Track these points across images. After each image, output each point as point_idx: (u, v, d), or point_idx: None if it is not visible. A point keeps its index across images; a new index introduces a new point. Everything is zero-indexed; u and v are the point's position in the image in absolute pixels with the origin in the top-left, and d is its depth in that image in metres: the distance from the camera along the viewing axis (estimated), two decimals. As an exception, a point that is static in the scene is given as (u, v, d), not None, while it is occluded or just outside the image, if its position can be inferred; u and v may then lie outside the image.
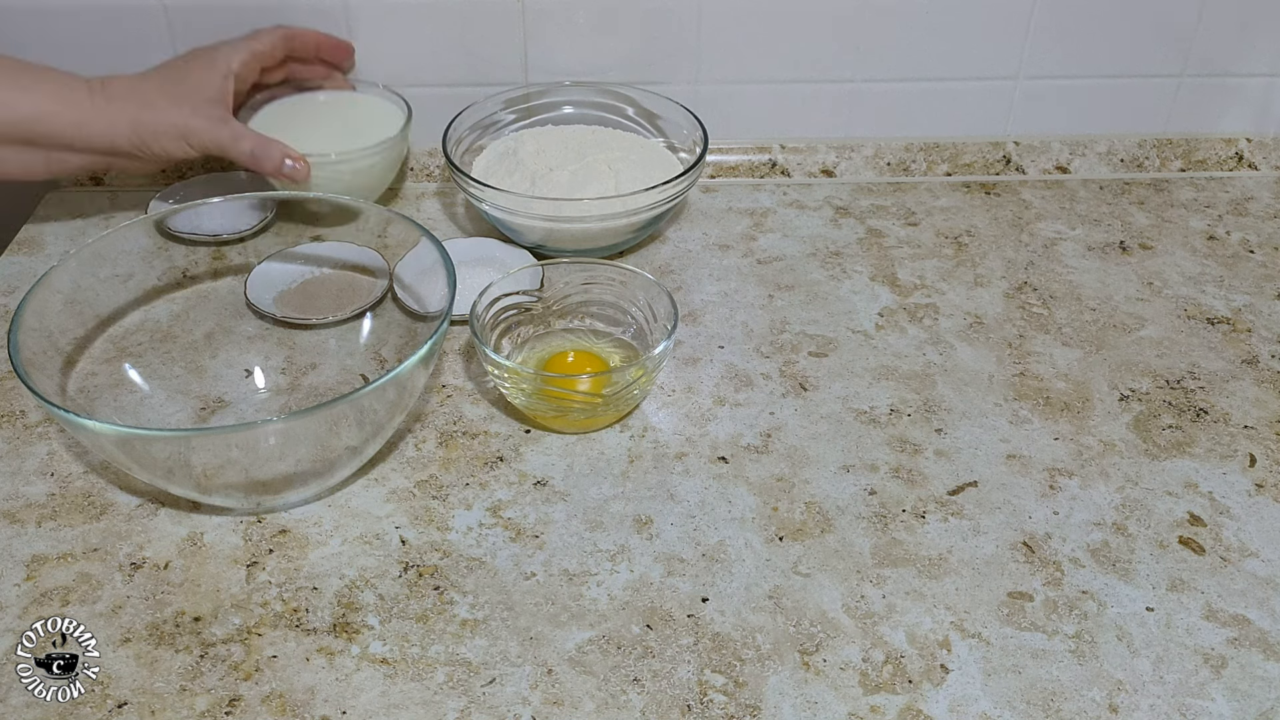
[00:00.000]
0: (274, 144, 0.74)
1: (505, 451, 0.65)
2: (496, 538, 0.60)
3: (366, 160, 0.79)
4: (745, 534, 0.60)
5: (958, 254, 0.83)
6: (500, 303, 0.69)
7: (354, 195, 0.73)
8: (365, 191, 0.82)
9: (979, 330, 0.75)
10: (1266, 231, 0.87)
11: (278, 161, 0.74)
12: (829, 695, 0.52)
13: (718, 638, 0.54)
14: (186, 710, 0.51)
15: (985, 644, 0.54)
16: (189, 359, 0.70)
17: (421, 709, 0.51)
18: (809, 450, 0.65)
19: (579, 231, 0.77)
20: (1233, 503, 0.63)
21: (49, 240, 0.83)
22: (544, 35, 0.86)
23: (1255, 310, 0.78)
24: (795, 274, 0.80)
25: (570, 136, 0.85)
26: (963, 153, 0.93)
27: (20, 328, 0.59)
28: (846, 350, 0.73)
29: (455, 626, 0.55)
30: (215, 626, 0.55)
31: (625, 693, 0.52)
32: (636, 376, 0.63)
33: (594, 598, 0.56)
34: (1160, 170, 0.94)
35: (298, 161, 0.74)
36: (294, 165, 0.74)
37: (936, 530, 0.60)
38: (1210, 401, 0.70)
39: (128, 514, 0.61)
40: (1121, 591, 0.57)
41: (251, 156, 0.73)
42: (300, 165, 0.74)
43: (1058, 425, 0.68)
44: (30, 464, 0.64)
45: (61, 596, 0.56)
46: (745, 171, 0.92)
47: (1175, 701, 0.52)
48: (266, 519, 0.61)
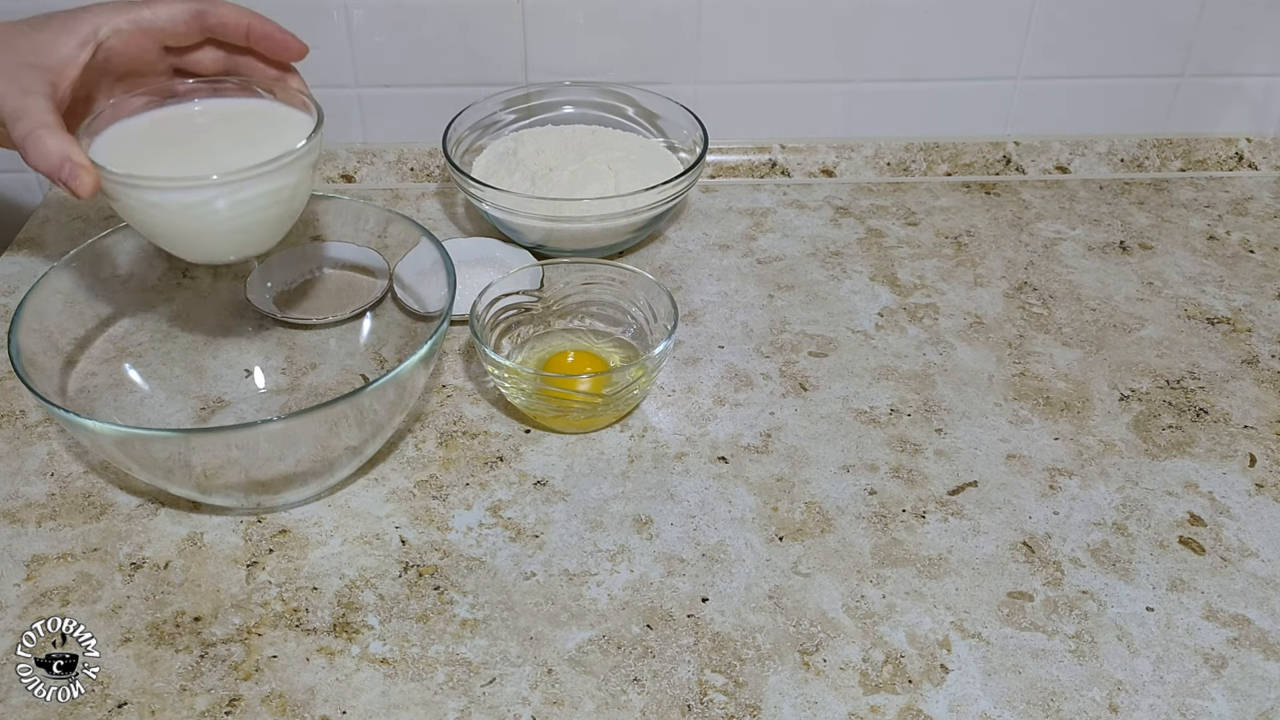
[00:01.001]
0: (57, 138, 0.54)
1: (505, 451, 0.65)
2: (496, 538, 0.60)
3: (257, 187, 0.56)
4: (745, 534, 0.60)
5: (958, 254, 0.83)
6: (500, 303, 0.69)
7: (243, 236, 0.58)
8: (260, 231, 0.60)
9: (979, 330, 0.75)
10: (1266, 231, 0.87)
11: (54, 161, 0.54)
12: (829, 695, 0.52)
13: (718, 638, 0.54)
14: (186, 710, 0.51)
15: (985, 644, 0.54)
16: (189, 359, 0.69)
17: (421, 709, 0.51)
18: (809, 450, 0.65)
19: (579, 231, 0.77)
20: (1233, 503, 0.63)
21: (49, 240, 0.83)
22: (544, 35, 0.86)
23: (1255, 310, 0.78)
24: (795, 274, 0.80)
25: (570, 136, 0.85)
26: (963, 153, 0.93)
27: (20, 328, 0.59)
28: (846, 350, 0.73)
29: (455, 626, 0.55)
30: (215, 626, 0.55)
31: (625, 693, 0.52)
32: (636, 376, 0.63)
33: (594, 598, 0.56)
34: (1160, 170, 0.94)
35: (83, 168, 0.54)
36: (74, 169, 0.53)
37: (936, 530, 0.60)
38: (1210, 401, 0.70)
39: (128, 514, 0.61)
40: (1121, 591, 0.57)
41: (22, 145, 0.54)
42: (83, 176, 0.54)
43: (1058, 425, 0.68)
44: (30, 464, 0.64)
45: (61, 596, 0.56)
46: (745, 171, 0.92)
47: (1175, 701, 0.52)
48: (266, 519, 0.61)
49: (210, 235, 0.58)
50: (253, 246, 0.61)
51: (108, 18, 0.59)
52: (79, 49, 0.58)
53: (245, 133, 0.61)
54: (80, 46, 0.58)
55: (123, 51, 0.60)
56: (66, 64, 0.58)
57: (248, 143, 0.60)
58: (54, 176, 0.54)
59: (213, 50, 0.64)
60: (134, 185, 0.55)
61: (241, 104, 0.63)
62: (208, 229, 0.57)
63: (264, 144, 0.57)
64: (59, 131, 0.55)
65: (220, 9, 0.61)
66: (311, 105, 0.62)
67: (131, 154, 0.58)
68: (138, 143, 0.59)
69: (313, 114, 0.61)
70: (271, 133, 0.60)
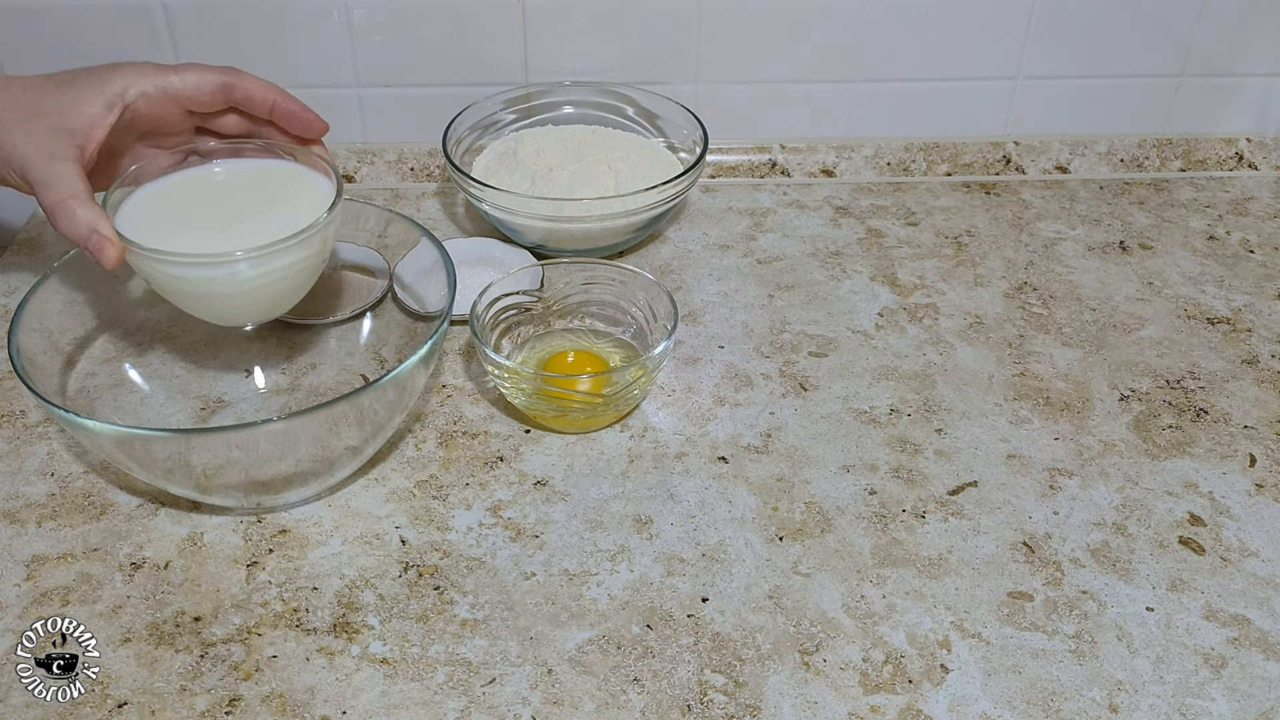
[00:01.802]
0: (86, 208, 0.55)
1: (505, 451, 0.65)
2: (496, 538, 0.60)
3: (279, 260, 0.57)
4: (745, 534, 0.60)
5: (958, 254, 0.83)
6: (500, 303, 0.69)
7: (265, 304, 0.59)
8: (281, 299, 0.61)
9: (979, 330, 0.75)
10: (1266, 231, 0.87)
11: (82, 233, 0.55)
12: (829, 695, 0.52)
13: (718, 638, 0.54)
14: (186, 710, 0.51)
15: (985, 644, 0.54)
16: (189, 359, 0.69)
17: (421, 709, 0.51)
18: (809, 450, 0.65)
19: (579, 231, 0.77)
20: (1233, 503, 0.63)
21: (49, 240, 0.83)
22: (544, 35, 0.86)
23: (1255, 310, 0.78)
24: (795, 274, 0.80)
25: (570, 136, 0.85)
26: (963, 153, 0.93)
27: (20, 328, 0.59)
28: (846, 350, 0.73)
29: (455, 626, 0.55)
30: (215, 626, 0.55)
31: (625, 693, 0.52)
32: (636, 376, 0.63)
33: (594, 598, 0.56)
34: (1160, 170, 0.94)
35: (109, 241, 0.55)
36: (100, 241, 0.55)
37: (936, 530, 0.60)
38: (1210, 401, 0.70)
39: (128, 514, 0.61)
40: (1121, 591, 0.57)
41: (51, 213, 0.56)
42: (109, 250, 0.55)
43: (1058, 425, 0.68)
44: (30, 464, 0.64)
45: (61, 596, 0.56)
46: (745, 171, 0.92)
47: (1175, 701, 0.52)
48: (266, 519, 0.61)
49: (232, 304, 0.60)
50: (273, 312, 0.63)
51: (135, 80, 0.59)
52: (106, 110, 0.58)
53: (267, 198, 0.62)
54: (107, 108, 0.59)
55: (148, 114, 0.61)
56: (94, 125, 0.58)
57: (270, 209, 0.61)
58: (81, 245, 0.56)
59: (236, 116, 0.64)
60: (159, 260, 0.56)
61: (262, 166, 0.64)
62: (230, 299, 0.59)
63: (286, 210, 0.59)
64: (87, 201, 0.56)
65: (247, 83, 0.62)
66: (331, 171, 0.62)
67: (156, 222, 0.59)
68: (162, 209, 0.60)
69: (333, 179, 0.61)
70: (293, 198, 0.61)
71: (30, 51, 0.84)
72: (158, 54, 0.84)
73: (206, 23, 0.83)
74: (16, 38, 0.83)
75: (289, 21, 0.83)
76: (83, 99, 0.58)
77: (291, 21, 0.83)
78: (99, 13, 0.83)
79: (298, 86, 0.87)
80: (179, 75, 0.60)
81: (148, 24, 0.83)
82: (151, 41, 0.84)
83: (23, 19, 0.83)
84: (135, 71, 0.60)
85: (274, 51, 0.85)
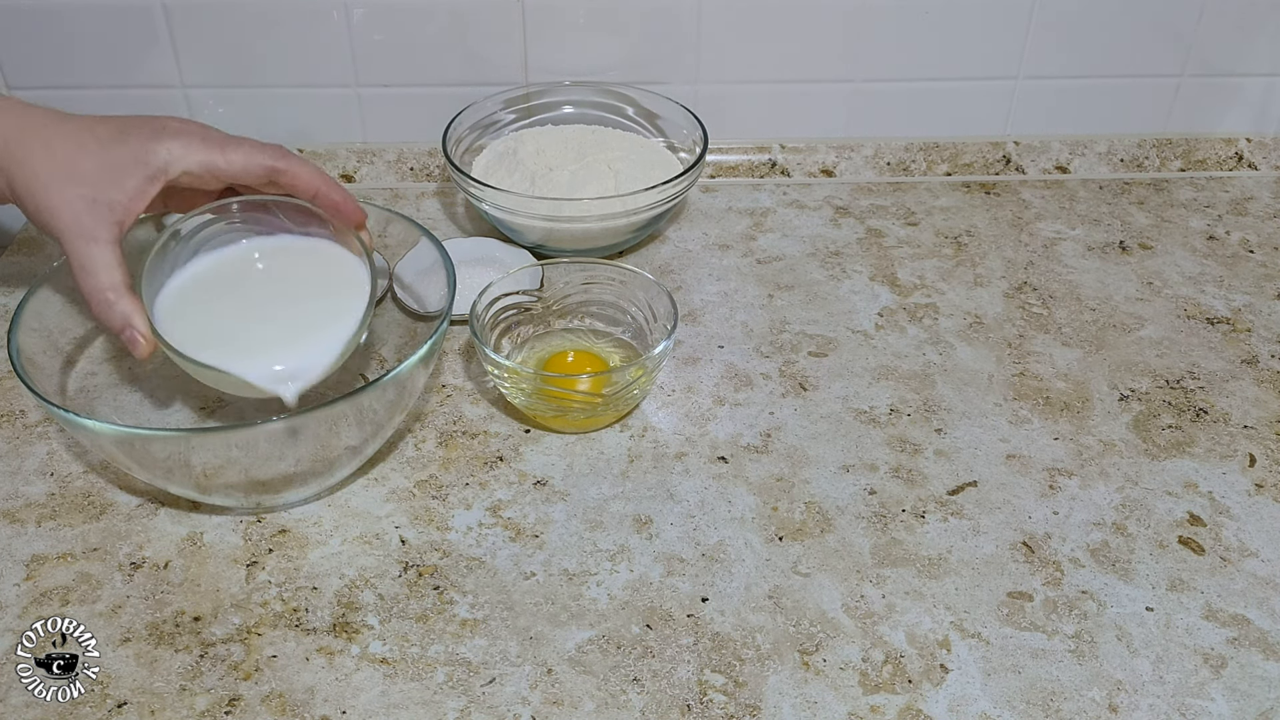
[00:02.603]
0: (123, 301, 0.56)
1: (505, 451, 0.65)
2: (496, 537, 0.60)
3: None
4: (745, 534, 0.60)
5: (957, 254, 0.83)
6: (500, 303, 0.69)
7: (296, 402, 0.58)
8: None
9: (979, 330, 0.75)
10: (1266, 231, 0.87)
11: (117, 324, 0.56)
12: (829, 695, 0.52)
13: (718, 638, 0.54)
14: (186, 710, 0.51)
15: (985, 644, 0.54)
16: (189, 359, 0.69)
17: (421, 709, 0.51)
18: (809, 450, 0.65)
19: (579, 231, 0.77)
20: (1233, 503, 0.63)
21: (49, 240, 0.83)
22: (544, 35, 0.86)
23: (1255, 310, 0.78)
24: (795, 274, 0.80)
25: (570, 136, 0.85)
26: (963, 153, 0.93)
27: (20, 328, 0.59)
28: (846, 350, 0.73)
29: (455, 626, 0.55)
30: (215, 626, 0.55)
31: (625, 692, 0.52)
32: (636, 376, 0.63)
33: (594, 597, 0.56)
34: (1160, 170, 0.94)
35: (142, 337, 0.56)
36: (133, 335, 0.56)
37: (936, 530, 0.60)
38: (1210, 401, 0.70)
39: (128, 514, 0.61)
40: (1121, 591, 0.57)
41: (89, 300, 0.56)
42: (142, 343, 0.56)
43: (1058, 425, 0.68)
44: (30, 464, 0.64)
45: (61, 596, 0.56)
46: (745, 171, 0.92)
47: (1175, 701, 0.52)
48: (266, 519, 0.61)
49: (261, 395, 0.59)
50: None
51: (181, 155, 0.57)
52: (147, 183, 0.57)
53: (302, 287, 0.61)
54: (149, 181, 0.57)
55: (188, 185, 0.59)
56: (134, 199, 0.56)
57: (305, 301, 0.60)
58: (115, 334, 0.56)
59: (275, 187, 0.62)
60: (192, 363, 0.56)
61: (302, 248, 0.62)
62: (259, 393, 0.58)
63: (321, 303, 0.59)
64: (125, 293, 0.55)
65: (294, 170, 0.60)
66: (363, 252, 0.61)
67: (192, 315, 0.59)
68: (197, 299, 0.60)
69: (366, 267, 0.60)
70: (329, 289, 0.61)
71: (30, 51, 0.84)
72: (158, 53, 0.84)
73: (206, 23, 0.83)
74: (17, 38, 0.83)
75: (289, 21, 0.83)
76: (124, 170, 0.56)
77: (291, 21, 0.83)
78: (99, 13, 0.83)
79: (297, 86, 0.88)
80: (225, 156, 0.58)
81: (148, 24, 0.83)
82: (151, 41, 0.84)
83: (23, 19, 0.83)
84: (182, 144, 0.57)
85: (274, 51, 0.85)
